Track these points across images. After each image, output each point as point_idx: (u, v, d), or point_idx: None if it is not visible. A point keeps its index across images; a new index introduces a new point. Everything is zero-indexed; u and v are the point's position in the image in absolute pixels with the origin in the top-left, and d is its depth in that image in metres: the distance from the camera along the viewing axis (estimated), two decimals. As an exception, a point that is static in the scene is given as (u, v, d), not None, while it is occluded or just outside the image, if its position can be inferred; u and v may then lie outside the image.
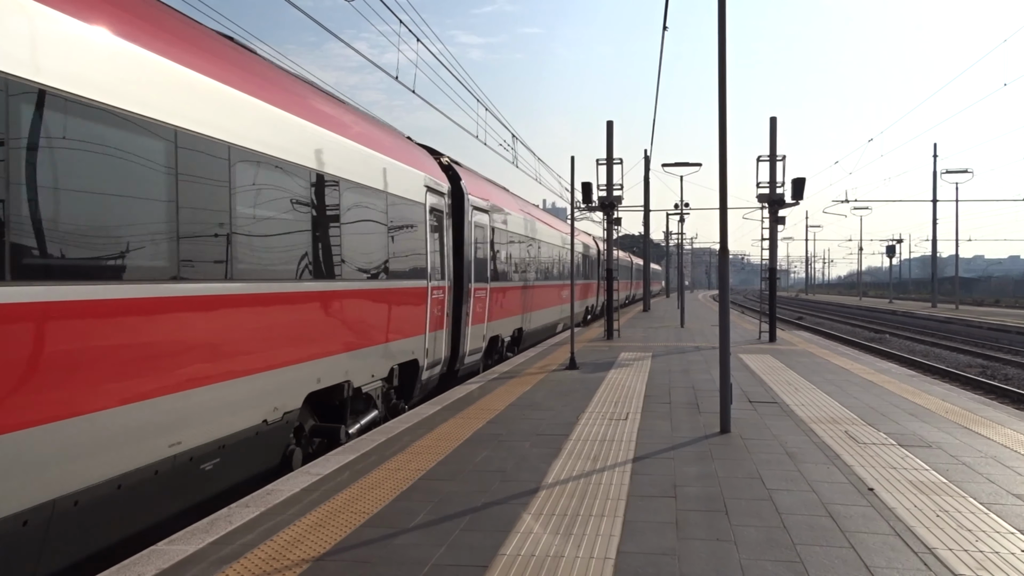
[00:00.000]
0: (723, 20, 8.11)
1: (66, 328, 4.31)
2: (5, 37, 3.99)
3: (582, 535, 4.73)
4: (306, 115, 7.39)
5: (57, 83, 4.30)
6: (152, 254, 5.06)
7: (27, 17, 4.14)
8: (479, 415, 8.85)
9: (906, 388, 11.08)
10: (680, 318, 26.86)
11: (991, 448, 7.15)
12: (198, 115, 5.57)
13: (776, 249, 19.15)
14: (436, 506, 5.33)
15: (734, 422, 8.20)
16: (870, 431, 7.91)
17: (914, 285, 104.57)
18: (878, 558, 4.35)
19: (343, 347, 7.88)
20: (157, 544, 4.58)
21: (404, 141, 10.94)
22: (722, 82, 8.05)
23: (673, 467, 6.42)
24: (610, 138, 20.69)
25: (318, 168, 7.38)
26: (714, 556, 4.37)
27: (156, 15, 5.52)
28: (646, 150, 37.92)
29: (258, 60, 7.20)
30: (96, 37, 4.65)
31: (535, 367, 13.59)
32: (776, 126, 18.65)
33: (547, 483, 5.92)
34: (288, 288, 6.76)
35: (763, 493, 5.65)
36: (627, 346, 17.96)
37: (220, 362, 5.79)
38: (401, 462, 6.61)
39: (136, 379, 4.89)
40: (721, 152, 8.10)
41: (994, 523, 4.98)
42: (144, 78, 5.03)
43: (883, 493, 5.66)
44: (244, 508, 5.27)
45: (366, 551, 4.46)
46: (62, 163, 4.32)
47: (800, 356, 15.68)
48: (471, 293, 12.91)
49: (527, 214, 18.66)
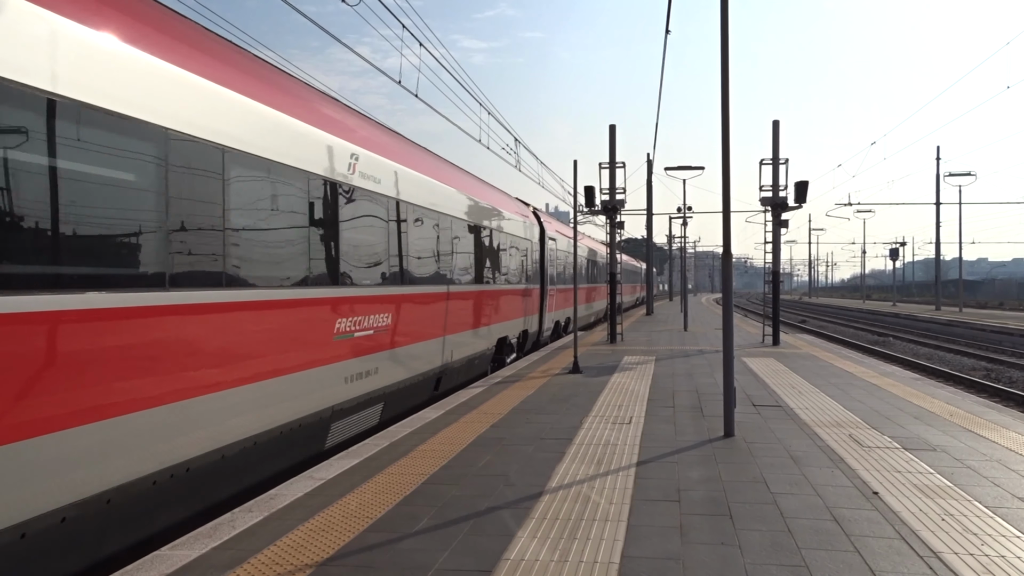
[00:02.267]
0: (726, 24, 8.11)
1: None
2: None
3: (586, 539, 4.71)
4: (471, 191, 13.34)
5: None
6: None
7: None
8: (482, 419, 8.84)
9: (910, 391, 11.05)
10: (683, 321, 26.82)
11: (996, 451, 7.12)
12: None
13: (779, 252, 19.11)
14: (439, 510, 5.32)
15: (738, 426, 8.18)
16: (874, 434, 7.89)
17: (918, 288, 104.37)
18: (883, 562, 4.33)
19: (504, 319, 15.33)
20: (160, 549, 4.57)
21: (512, 200, 17.98)
22: (725, 86, 8.04)
23: (677, 471, 6.40)
24: (613, 142, 20.68)
25: (485, 224, 13.97)
26: (719, 561, 4.36)
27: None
28: (649, 154, 37.85)
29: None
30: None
31: (538, 371, 13.58)
32: (779, 129, 18.64)
33: (550, 487, 5.91)
34: (482, 288, 13.54)
35: (767, 497, 5.64)
36: (630, 350, 17.94)
37: (467, 319, 12.55)
38: (404, 466, 6.60)
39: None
40: (724, 156, 8.09)
41: (999, 527, 4.95)
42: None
43: (888, 497, 5.63)
44: (247, 513, 5.26)
45: (369, 556, 4.45)
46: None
47: (804, 359, 15.65)
48: (549, 293, 20.55)
49: (581, 236, 28.18)
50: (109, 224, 4.60)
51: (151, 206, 4.95)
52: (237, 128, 5.92)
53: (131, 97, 4.81)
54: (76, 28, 4.47)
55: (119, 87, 4.70)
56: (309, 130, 7.14)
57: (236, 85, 6.04)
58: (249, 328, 6.01)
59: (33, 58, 4.17)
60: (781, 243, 19.17)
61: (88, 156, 4.44)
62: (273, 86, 6.83)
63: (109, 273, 4.58)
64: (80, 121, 4.39)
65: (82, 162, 4.39)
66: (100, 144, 4.54)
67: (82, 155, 4.40)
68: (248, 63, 6.67)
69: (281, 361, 6.47)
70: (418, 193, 10.28)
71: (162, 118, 5.09)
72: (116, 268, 4.64)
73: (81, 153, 4.39)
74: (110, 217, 4.61)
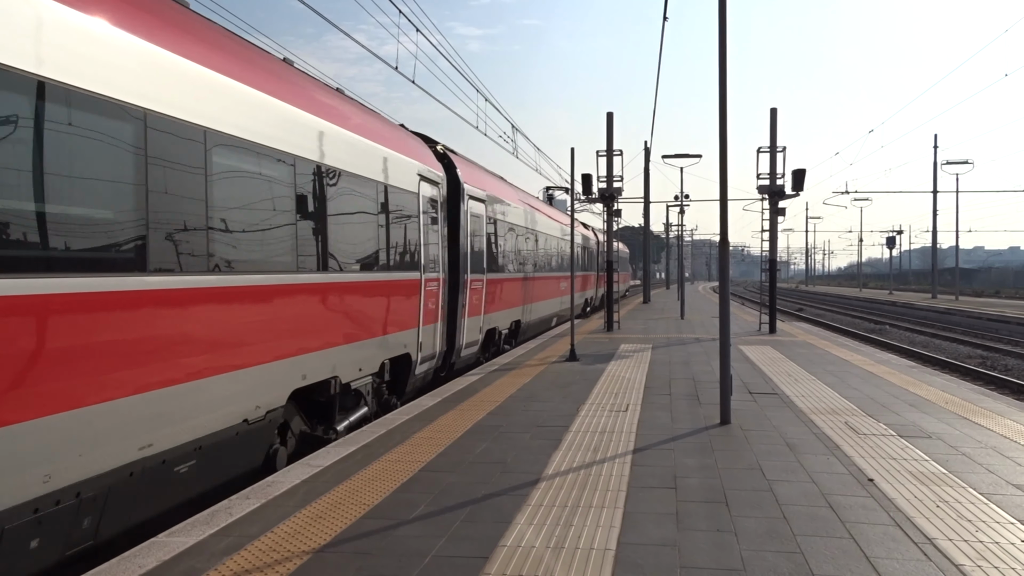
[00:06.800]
0: (723, 10, 8.07)
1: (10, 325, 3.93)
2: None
3: (582, 526, 4.73)
4: (306, 107, 7.30)
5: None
6: (116, 245, 4.71)
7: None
8: (479, 406, 8.85)
9: (906, 379, 11.08)
10: (680, 310, 26.86)
11: (991, 439, 7.15)
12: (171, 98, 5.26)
13: (776, 240, 19.13)
14: (436, 497, 5.33)
15: (734, 413, 8.20)
16: (870, 422, 7.92)
17: (914, 276, 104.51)
18: (878, 548, 4.36)
19: (330, 342, 7.58)
20: (157, 536, 4.58)
21: (397, 129, 10.65)
22: (722, 74, 8.01)
23: (673, 458, 6.42)
24: (610, 129, 20.64)
25: (307, 156, 7.17)
26: (715, 547, 4.38)
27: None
28: (646, 141, 37.84)
29: (230, 37, 6.70)
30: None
31: (535, 359, 13.59)
32: (776, 117, 18.60)
33: (547, 474, 5.92)
34: (270, 281, 6.47)
35: (763, 484, 5.66)
36: (627, 338, 17.96)
37: (196, 359, 5.46)
38: (401, 454, 6.61)
39: (100, 378, 4.52)
40: (721, 143, 8.07)
41: (994, 513, 4.98)
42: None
43: (883, 484, 5.66)
44: (244, 500, 5.27)
45: (367, 542, 4.46)
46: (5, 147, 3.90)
47: (800, 347, 15.68)
48: (467, 285, 12.61)
49: (526, 205, 18.51)
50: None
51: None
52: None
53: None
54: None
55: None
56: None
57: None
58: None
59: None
60: (778, 231, 19.19)
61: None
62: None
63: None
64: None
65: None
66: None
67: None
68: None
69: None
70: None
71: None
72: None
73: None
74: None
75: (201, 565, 4.12)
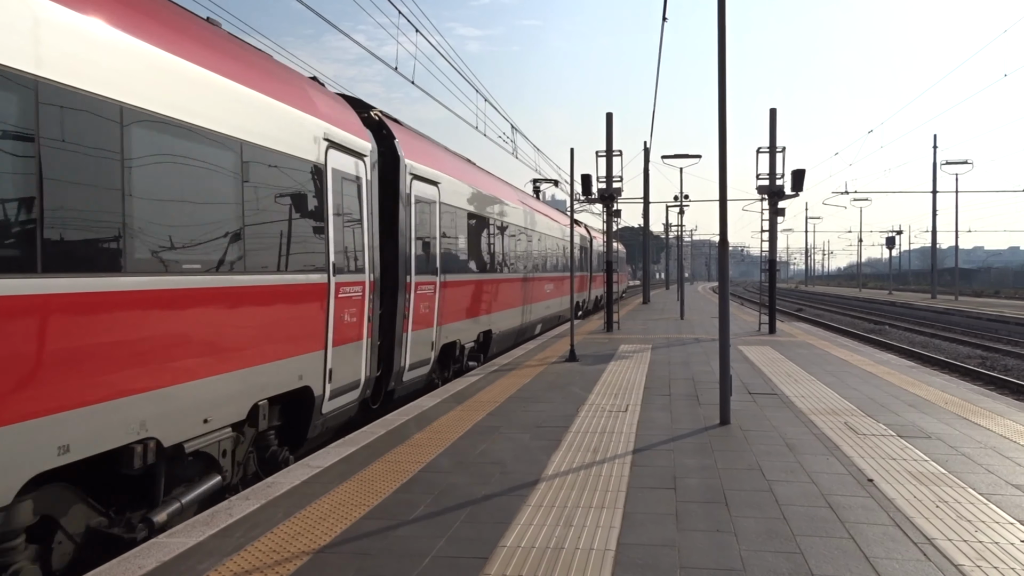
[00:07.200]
0: (723, 10, 8.08)
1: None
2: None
3: (582, 527, 4.73)
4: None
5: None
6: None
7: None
8: (479, 407, 8.85)
9: (905, 379, 11.08)
10: (680, 310, 26.87)
11: (990, 439, 7.15)
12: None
13: (776, 241, 19.13)
14: (436, 498, 5.33)
15: (734, 414, 8.21)
16: (870, 422, 7.92)
17: (914, 276, 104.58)
18: (878, 548, 4.36)
19: (131, 387, 4.77)
20: (158, 537, 4.59)
21: (295, 76, 7.71)
22: (722, 74, 8.02)
23: (673, 459, 6.43)
24: (609, 130, 20.65)
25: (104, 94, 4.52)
26: (714, 547, 4.38)
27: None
28: (645, 142, 37.87)
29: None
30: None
31: (535, 359, 13.59)
32: (776, 118, 18.61)
33: (547, 475, 5.93)
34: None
35: (763, 484, 5.66)
36: (627, 338, 17.96)
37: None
38: (401, 454, 6.62)
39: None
40: (721, 144, 8.08)
41: (993, 513, 4.98)
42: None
43: (883, 484, 5.66)
44: (244, 501, 5.27)
45: (367, 543, 4.47)
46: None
47: (800, 347, 15.69)
48: (412, 289, 9.90)
49: (496, 192, 15.33)
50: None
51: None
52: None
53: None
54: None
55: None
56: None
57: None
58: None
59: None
60: (778, 231, 19.20)
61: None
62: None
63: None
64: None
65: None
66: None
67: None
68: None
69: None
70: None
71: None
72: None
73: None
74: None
75: (201, 566, 4.12)
